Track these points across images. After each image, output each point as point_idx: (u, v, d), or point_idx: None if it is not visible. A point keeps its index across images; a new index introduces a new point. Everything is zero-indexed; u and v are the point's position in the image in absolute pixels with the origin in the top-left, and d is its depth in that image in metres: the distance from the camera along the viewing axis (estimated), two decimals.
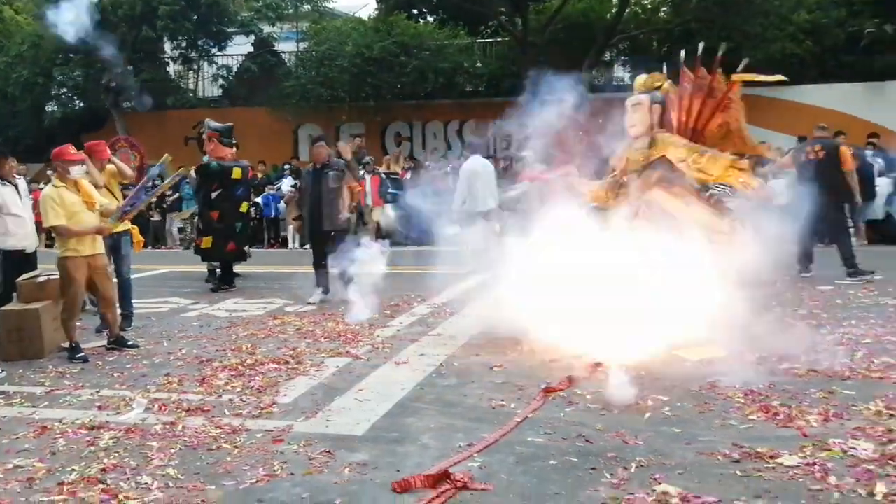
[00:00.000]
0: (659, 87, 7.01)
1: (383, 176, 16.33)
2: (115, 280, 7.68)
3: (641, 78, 7.10)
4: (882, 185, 13.32)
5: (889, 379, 5.26)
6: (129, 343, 7.16)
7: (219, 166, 10.33)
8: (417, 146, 20.43)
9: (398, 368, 6.11)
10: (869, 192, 12.42)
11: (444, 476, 3.88)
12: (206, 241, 10.40)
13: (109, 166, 8.06)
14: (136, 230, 8.15)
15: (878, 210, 13.33)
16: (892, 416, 4.51)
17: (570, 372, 5.55)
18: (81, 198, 6.88)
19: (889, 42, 16.74)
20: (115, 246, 7.86)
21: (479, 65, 20.10)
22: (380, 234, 16.03)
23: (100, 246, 7.06)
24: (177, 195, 17.59)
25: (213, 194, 10.33)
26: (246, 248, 11.76)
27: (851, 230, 10.47)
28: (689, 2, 18.53)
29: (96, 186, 7.47)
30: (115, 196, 7.99)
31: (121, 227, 7.70)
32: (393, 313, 8.39)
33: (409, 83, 19.08)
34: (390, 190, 16.20)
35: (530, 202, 9.16)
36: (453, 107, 19.73)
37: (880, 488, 3.55)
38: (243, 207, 10.81)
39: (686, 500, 3.56)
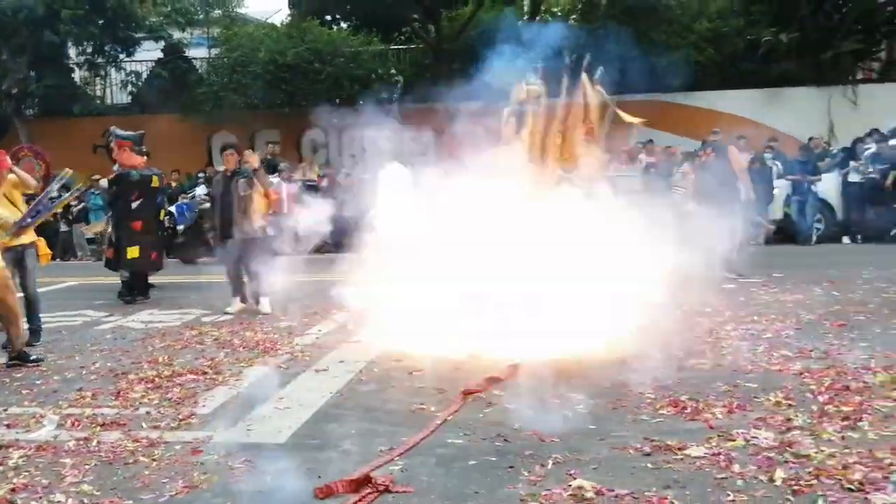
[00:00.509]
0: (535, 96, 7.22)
1: (299, 183, 16.19)
2: (20, 294, 7.39)
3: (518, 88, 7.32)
4: (780, 186, 13.97)
5: (787, 371, 5.56)
6: (32, 358, 6.88)
7: (139, 175, 10.10)
8: (334, 153, 20.31)
9: (318, 376, 6.10)
10: (768, 194, 13.02)
11: (366, 480, 3.91)
12: (133, 252, 10.13)
13: (11, 176, 7.73)
14: (42, 242, 7.85)
15: (776, 211, 13.98)
16: (790, 405, 4.78)
17: (489, 373, 5.65)
18: None
19: (785, 50, 17.58)
20: (18, 259, 7.53)
21: (393, 71, 20.15)
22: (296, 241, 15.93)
23: None
24: (82, 205, 17.03)
25: (134, 204, 10.07)
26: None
27: (757, 230, 10.89)
28: (597, 9, 19.04)
29: None
30: (17, 207, 7.68)
31: (25, 240, 7.43)
32: (312, 321, 8.35)
33: (323, 90, 18.97)
34: (307, 197, 16.08)
35: None
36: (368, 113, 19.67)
37: (779, 474, 3.77)
38: (161, 216, 10.70)
39: (600, 493, 3.69)
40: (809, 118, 16.77)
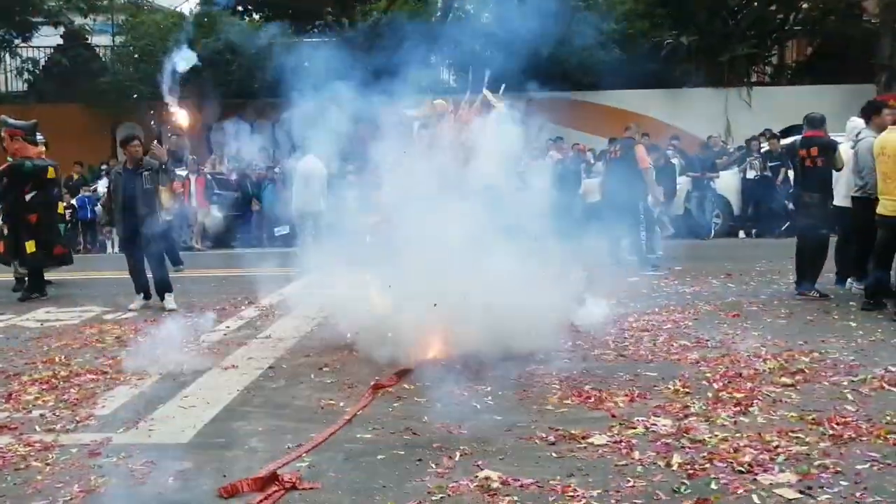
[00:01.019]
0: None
1: (209, 177, 15.83)
2: None
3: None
4: (682, 182, 14.47)
5: (685, 360, 5.79)
6: None
7: (33, 166, 9.64)
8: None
9: (225, 373, 5.98)
10: (671, 190, 13.47)
11: (272, 478, 3.86)
12: (30, 246, 9.66)
13: None
14: None
15: (678, 206, 14.48)
16: (687, 393, 4.98)
17: (398, 367, 5.66)
18: None
19: (685, 52, 18.24)
20: None
21: (307, 65, 19.85)
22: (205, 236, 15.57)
23: None
24: None
25: (28, 196, 9.61)
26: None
27: (658, 224, 11.26)
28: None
29: None
30: None
31: None
32: (220, 317, 8.17)
33: (235, 81, 18.57)
34: (216, 191, 15.75)
35: None
36: (281, 106, 19.39)
37: (676, 459, 3.92)
38: (59, 208, 10.25)
39: (506, 483, 3.75)
40: (708, 118, 17.46)
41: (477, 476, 3.82)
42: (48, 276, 10.64)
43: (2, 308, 9.16)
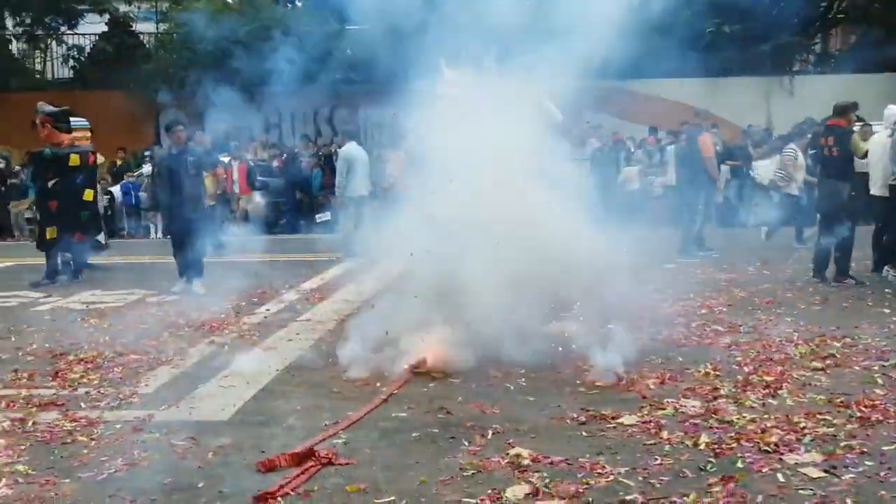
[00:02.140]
0: None
1: (251, 163, 16.04)
2: None
3: None
4: (721, 171, 14.29)
5: (717, 344, 5.81)
6: None
7: (52, 153, 9.76)
8: (286, 132, 20.15)
9: (265, 354, 6.12)
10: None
11: (309, 453, 3.99)
12: (50, 232, 9.86)
13: None
14: None
15: (718, 195, 14.34)
16: (718, 376, 5.02)
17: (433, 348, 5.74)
18: None
19: (727, 41, 17.97)
20: None
21: (349, 52, 19.98)
22: (247, 221, 15.80)
23: None
24: (10, 183, 16.54)
25: (49, 183, 9.79)
26: (102, 239, 11.32)
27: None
28: None
29: None
30: None
31: None
32: (261, 300, 8.35)
33: (276, 69, 18.73)
34: (259, 177, 15.96)
35: None
36: (323, 93, 19.56)
37: (704, 439, 3.98)
38: (87, 195, 10.18)
39: (536, 460, 3.84)
40: (748, 107, 17.21)
41: (508, 453, 3.91)
42: (92, 260, 10.96)
43: (48, 290, 9.44)
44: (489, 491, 3.52)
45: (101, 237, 11.33)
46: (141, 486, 3.72)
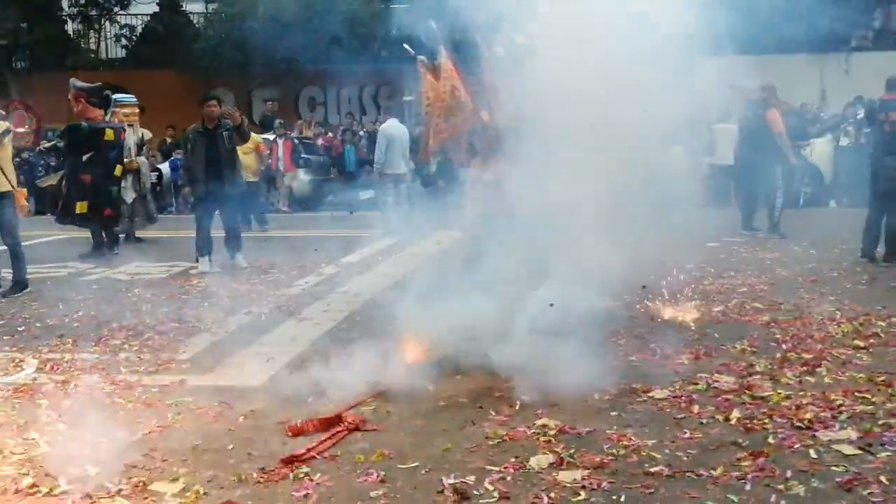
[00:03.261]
0: None
1: (295, 141, 16.18)
2: None
3: None
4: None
5: (756, 321, 5.69)
6: None
7: (89, 127, 9.94)
8: (332, 111, 20.27)
9: (301, 324, 6.19)
10: None
11: (337, 419, 4.03)
12: (81, 206, 9.97)
13: None
14: (21, 193, 7.85)
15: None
16: (754, 353, 4.91)
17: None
18: None
19: (781, 17, 17.42)
20: None
21: (394, 31, 19.95)
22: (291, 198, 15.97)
23: None
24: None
25: (85, 157, 9.96)
26: (153, 213, 11.59)
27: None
28: None
29: None
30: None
31: (1, 188, 7.47)
32: (300, 274, 8.43)
33: (323, 48, 18.83)
34: (303, 155, 16.10)
35: None
36: (368, 72, 19.59)
37: (735, 414, 3.91)
38: (117, 171, 10.23)
39: (563, 431, 3.82)
40: (802, 85, 16.72)
41: (535, 423, 3.89)
42: (140, 234, 11.19)
43: (96, 262, 9.67)
44: (513, 459, 3.52)
45: (152, 211, 11.60)
46: (173, 446, 3.81)
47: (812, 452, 3.46)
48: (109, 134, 9.95)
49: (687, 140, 12.57)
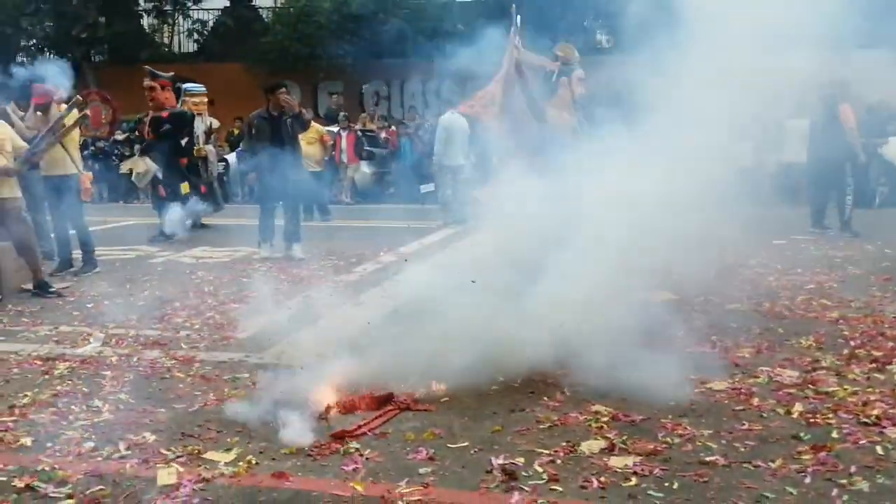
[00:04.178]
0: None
1: (359, 133, 16.32)
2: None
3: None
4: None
5: (823, 318, 5.48)
6: (52, 290, 6.98)
7: (191, 114, 10.35)
8: (395, 105, 20.36)
9: (358, 308, 6.22)
10: None
11: (388, 398, 4.04)
12: (185, 188, 10.46)
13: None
14: (87, 177, 8.11)
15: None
16: (820, 349, 4.73)
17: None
18: None
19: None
20: (56, 189, 7.83)
21: (459, 26, 19.95)
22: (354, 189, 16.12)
23: (8, 191, 6.88)
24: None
25: (183, 142, 10.35)
26: (220, 201, 11.90)
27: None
28: None
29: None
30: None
31: (67, 171, 7.74)
32: (359, 261, 8.49)
33: (387, 42, 18.94)
34: (366, 147, 16.23)
35: None
36: (434, 66, 19.59)
37: (798, 408, 3.77)
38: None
39: (615, 418, 3.74)
40: (881, 82, 16.06)
41: (587, 409, 3.83)
42: (206, 220, 11.45)
43: (164, 246, 9.92)
44: (563, 443, 3.46)
45: (219, 198, 11.90)
46: (228, 418, 3.87)
47: (879, 449, 3.31)
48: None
49: (756, 136, 12.33)
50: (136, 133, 10.92)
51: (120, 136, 16.71)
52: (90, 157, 15.22)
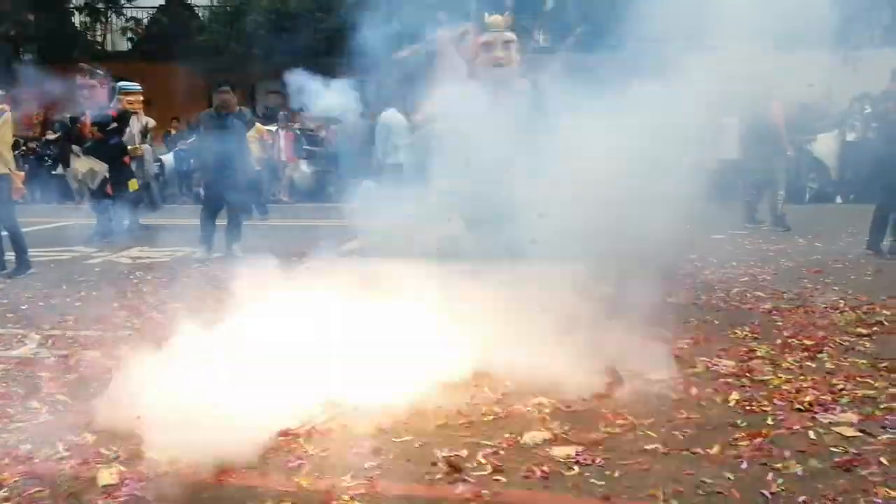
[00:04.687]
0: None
1: (298, 132, 16.17)
2: None
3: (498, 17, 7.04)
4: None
5: (757, 309, 5.65)
6: None
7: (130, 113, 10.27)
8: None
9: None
10: None
11: None
12: (134, 184, 10.37)
13: None
14: (18, 176, 7.88)
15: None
16: (755, 338, 4.87)
17: None
18: None
19: None
20: None
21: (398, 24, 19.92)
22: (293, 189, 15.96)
23: None
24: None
25: (125, 139, 10.34)
26: (157, 200, 11.69)
27: None
28: None
29: None
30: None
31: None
32: (299, 261, 8.37)
33: (324, 40, 18.81)
34: (305, 146, 16.08)
35: None
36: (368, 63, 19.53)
37: (734, 396, 3.89)
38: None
39: (558, 409, 3.79)
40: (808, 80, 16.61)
41: (530, 402, 3.88)
42: (144, 220, 11.20)
43: (100, 247, 9.64)
44: (507, 435, 3.50)
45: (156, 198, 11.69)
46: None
47: (811, 434, 3.44)
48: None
49: (694, 134, 12.49)
50: (78, 132, 10.55)
51: (51, 136, 16.26)
52: (21, 158, 14.74)
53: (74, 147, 10.42)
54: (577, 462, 3.22)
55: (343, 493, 3.01)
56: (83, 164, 10.39)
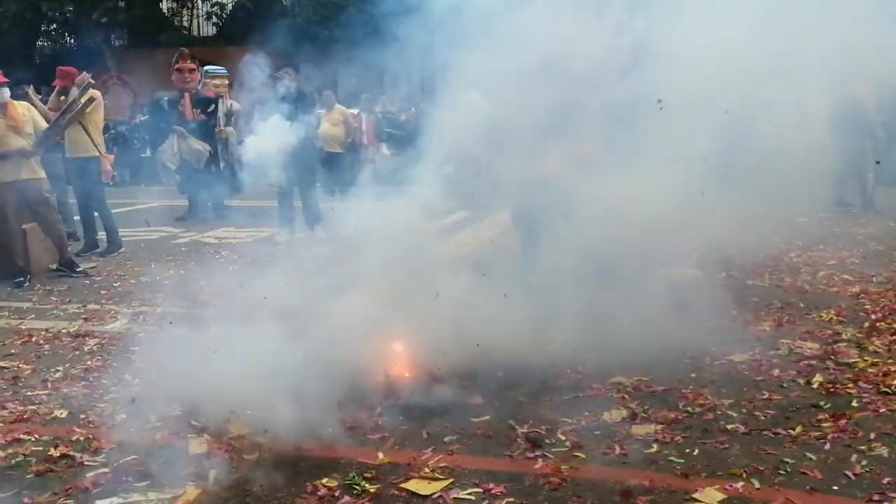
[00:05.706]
0: None
1: (379, 115, 16.30)
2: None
3: None
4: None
5: (844, 293, 5.48)
6: (79, 270, 7.11)
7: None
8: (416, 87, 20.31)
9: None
10: None
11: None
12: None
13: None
14: (108, 159, 8.22)
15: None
16: (841, 322, 4.74)
17: None
18: (6, 121, 6.75)
19: None
20: (78, 171, 8.02)
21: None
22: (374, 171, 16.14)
23: (29, 171, 6.87)
24: None
25: None
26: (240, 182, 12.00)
27: None
28: None
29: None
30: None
31: (89, 153, 7.87)
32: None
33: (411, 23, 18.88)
34: (387, 129, 16.21)
35: None
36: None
37: (818, 378, 3.80)
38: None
39: (637, 388, 3.79)
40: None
41: (609, 381, 3.88)
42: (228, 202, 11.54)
43: (186, 227, 10.02)
44: (586, 413, 3.52)
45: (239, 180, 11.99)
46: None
47: None
48: None
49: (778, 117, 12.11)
50: (180, 114, 10.90)
51: (142, 119, 16.85)
52: (111, 141, 15.35)
53: (178, 128, 10.73)
54: (656, 440, 3.22)
55: (424, 466, 3.09)
56: (189, 145, 10.75)
